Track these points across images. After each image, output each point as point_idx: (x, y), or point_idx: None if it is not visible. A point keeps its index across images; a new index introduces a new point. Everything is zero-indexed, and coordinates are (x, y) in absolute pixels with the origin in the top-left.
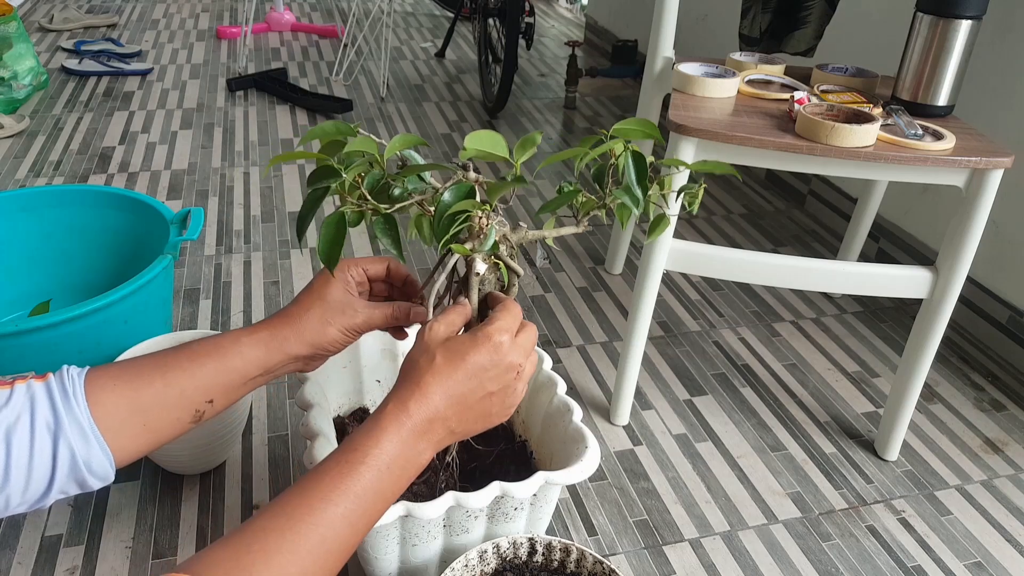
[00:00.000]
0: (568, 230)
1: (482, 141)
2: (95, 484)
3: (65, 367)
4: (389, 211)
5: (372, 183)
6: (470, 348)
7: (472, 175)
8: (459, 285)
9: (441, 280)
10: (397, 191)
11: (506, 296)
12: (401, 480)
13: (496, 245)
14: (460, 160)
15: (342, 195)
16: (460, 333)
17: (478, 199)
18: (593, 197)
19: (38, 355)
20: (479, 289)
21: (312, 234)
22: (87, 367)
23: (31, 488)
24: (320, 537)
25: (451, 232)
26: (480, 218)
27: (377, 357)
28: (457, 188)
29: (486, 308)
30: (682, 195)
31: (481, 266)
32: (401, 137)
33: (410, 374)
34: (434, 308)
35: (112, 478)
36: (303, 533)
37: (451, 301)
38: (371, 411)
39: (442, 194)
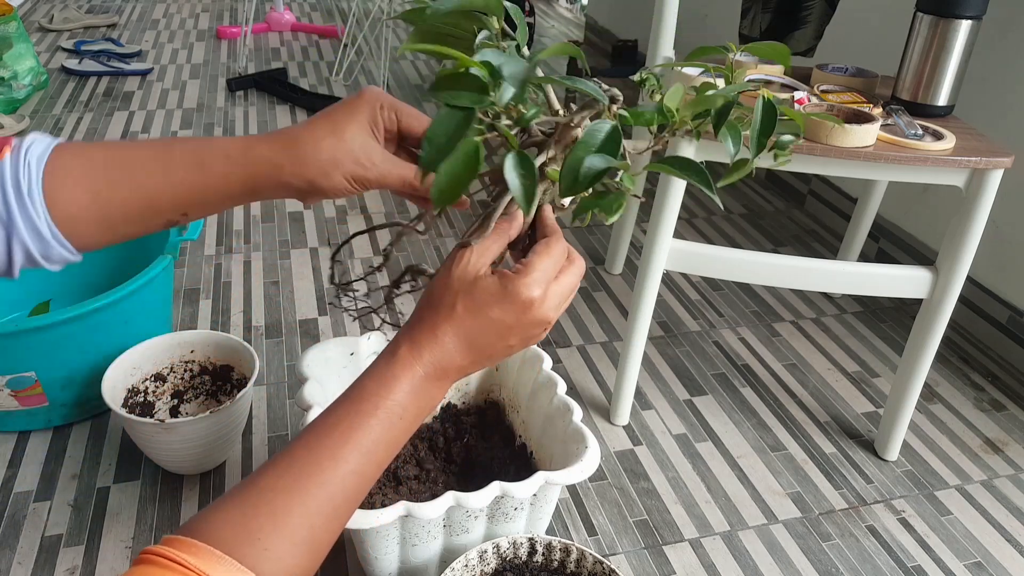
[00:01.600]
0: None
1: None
2: (58, 268)
3: (28, 142)
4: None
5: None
6: (495, 303)
7: (615, 108)
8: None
9: (499, 214)
10: (532, 111)
11: (552, 225)
12: (413, 426)
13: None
14: (607, 88)
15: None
16: (495, 267)
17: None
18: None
19: (38, 355)
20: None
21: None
22: (53, 144)
23: None
24: (328, 495)
25: (589, 195)
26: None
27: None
28: (601, 129)
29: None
30: (774, 150)
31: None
32: (558, 45)
33: (427, 315)
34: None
35: (79, 260)
36: (312, 493)
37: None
38: None
39: (578, 133)
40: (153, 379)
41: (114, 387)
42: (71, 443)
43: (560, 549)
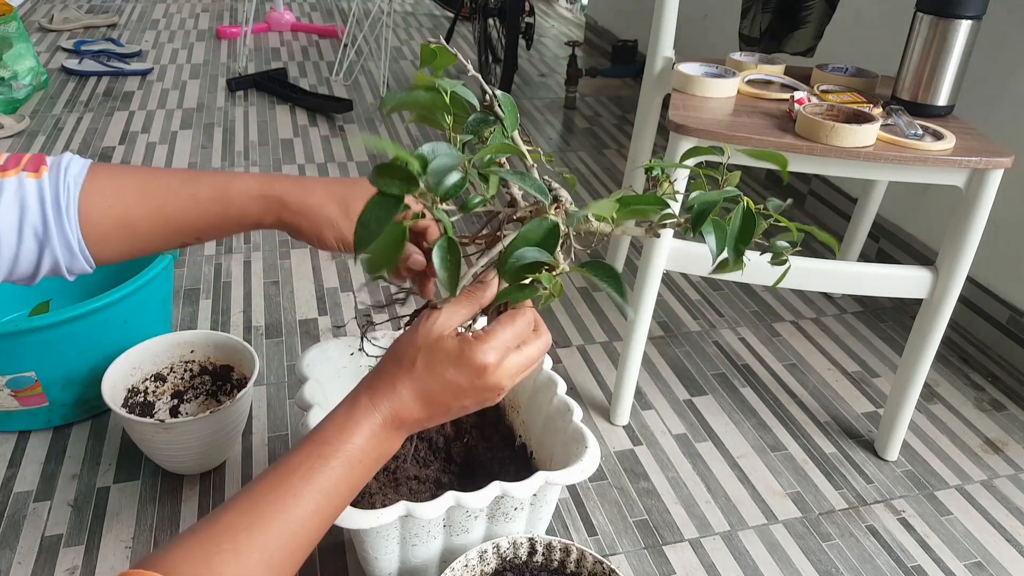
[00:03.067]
0: (637, 231)
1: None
2: (71, 278)
3: (66, 161)
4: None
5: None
6: (452, 364)
7: (564, 205)
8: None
9: (478, 270)
10: (476, 200)
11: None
12: (372, 470)
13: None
14: (551, 181)
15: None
16: (464, 326)
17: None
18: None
19: (38, 355)
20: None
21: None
22: (87, 167)
23: (14, 274)
24: (291, 533)
25: (520, 284)
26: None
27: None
28: (542, 225)
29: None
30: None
31: None
32: (498, 146)
33: (389, 367)
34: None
35: (91, 272)
36: (273, 531)
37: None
38: None
39: (519, 227)
40: (153, 379)
41: (114, 387)
42: (71, 443)
43: (560, 549)
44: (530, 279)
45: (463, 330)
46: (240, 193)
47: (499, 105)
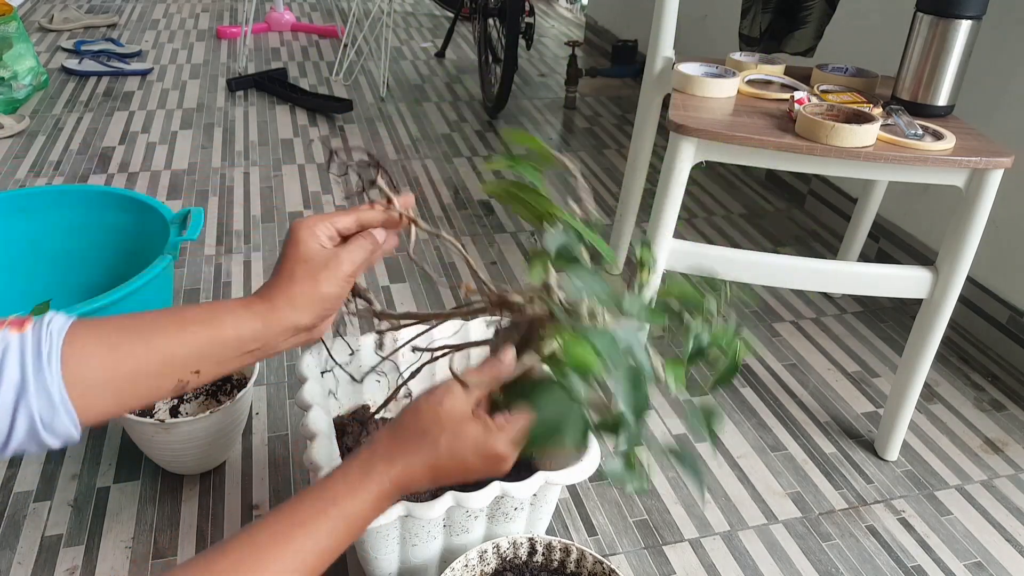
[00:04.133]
0: None
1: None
2: (56, 444)
3: (49, 317)
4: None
5: None
6: (476, 449)
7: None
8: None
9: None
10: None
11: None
12: (362, 530)
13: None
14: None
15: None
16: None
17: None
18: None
19: None
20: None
21: None
22: (72, 319)
23: None
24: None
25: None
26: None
27: (377, 356)
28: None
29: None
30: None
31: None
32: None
33: (412, 439)
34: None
35: (76, 439)
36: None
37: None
38: (371, 408)
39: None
40: None
41: None
42: None
43: (560, 549)
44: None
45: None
46: (226, 311)
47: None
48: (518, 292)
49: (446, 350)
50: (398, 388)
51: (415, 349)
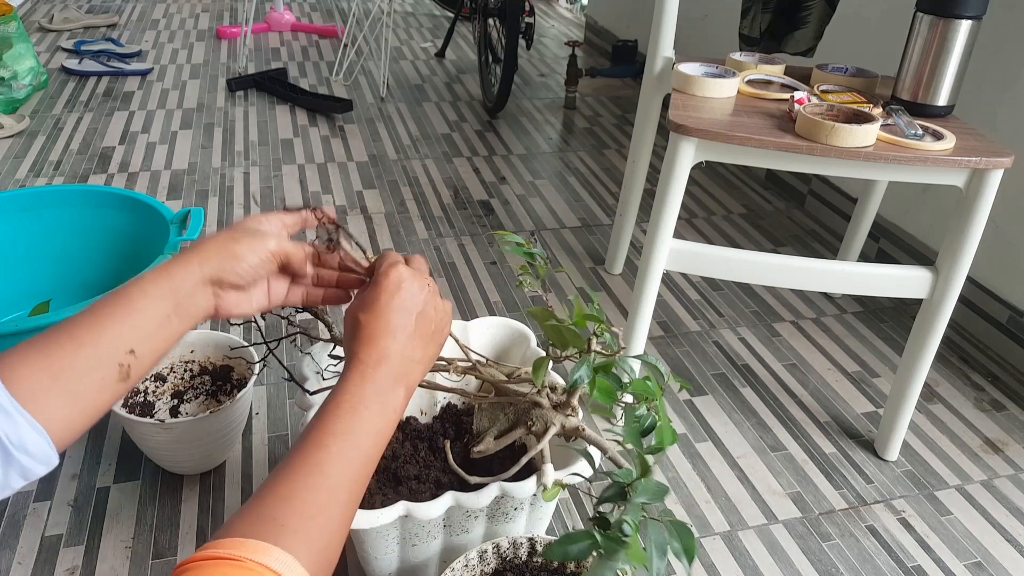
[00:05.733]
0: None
1: None
2: (38, 468)
3: None
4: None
5: None
6: (379, 294)
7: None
8: None
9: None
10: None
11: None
12: (387, 427)
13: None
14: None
15: None
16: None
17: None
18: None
19: None
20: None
21: None
22: None
23: None
24: (322, 476)
25: None
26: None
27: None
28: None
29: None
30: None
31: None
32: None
33: (352, 347)
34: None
35: (55, 459)
36: (313, 473)
37: None
38: None
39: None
40: (153, 379)
41: None
42: None
43: None
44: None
45: None
46: (134, 281)
47: None
48: (506, 372)
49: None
50: None
51: None
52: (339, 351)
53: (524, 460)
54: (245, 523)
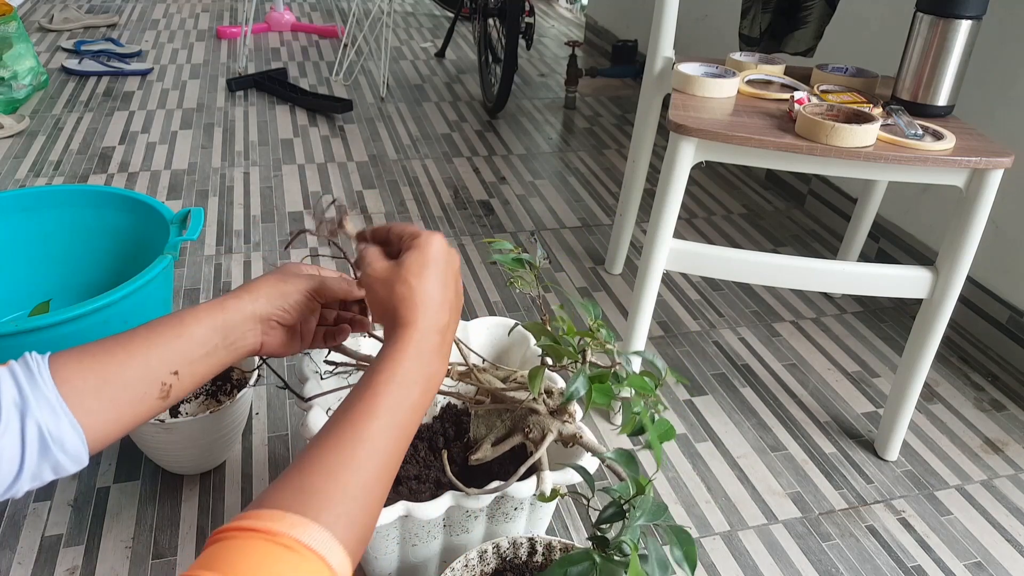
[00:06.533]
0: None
1: None
2: (69, 465)
3: (27, 353)
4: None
5: None
6: (428, 261)
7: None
8: None
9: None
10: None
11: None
12: (429, 389)
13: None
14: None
15: None
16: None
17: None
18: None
19: None
20: None
21: None
22: (48, 352)
23: (1, 470)
24: (366, 451)
25: None
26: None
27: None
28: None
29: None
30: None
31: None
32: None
33: (390, 309)
34: None
35: (86, 459)
36: (353, 448)
37: None
38: None
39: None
40: None
41: None
42: None
43: (560, 549)
44: None
45: None
46: (190, 310)
47: None
48: (502, 376)
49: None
50: None
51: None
52: (335, 356)
53: (522, 470)
54: (287, 493)
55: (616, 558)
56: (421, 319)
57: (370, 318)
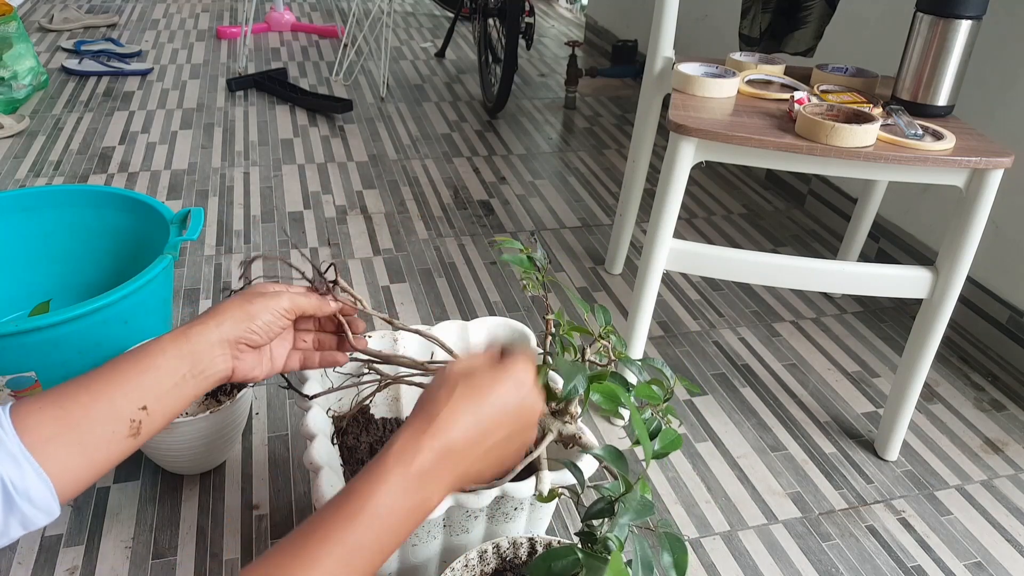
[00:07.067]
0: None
1: None
2: (39, 518)
3: None
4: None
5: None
6: (493, 381)
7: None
8: None
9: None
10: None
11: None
12: (405, 526)
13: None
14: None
15: None
16: None
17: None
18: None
19: (38, 355)
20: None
21: None
22: (10, 401)
23: None
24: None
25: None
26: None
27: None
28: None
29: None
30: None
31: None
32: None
33: (425, 407)
34: None
35: (56, 510)
36: None
37: None
38: (371, 410)
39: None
40: None
41: None
42: None
43: None
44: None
45: None
46: (153, 340)
47: None
48: None
49: (409, 368)
50: (381, 387)
51: (371, 369)
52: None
53: (519, 468)
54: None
55: (602, 555)
56: (435, 441)
57: (349, 334)
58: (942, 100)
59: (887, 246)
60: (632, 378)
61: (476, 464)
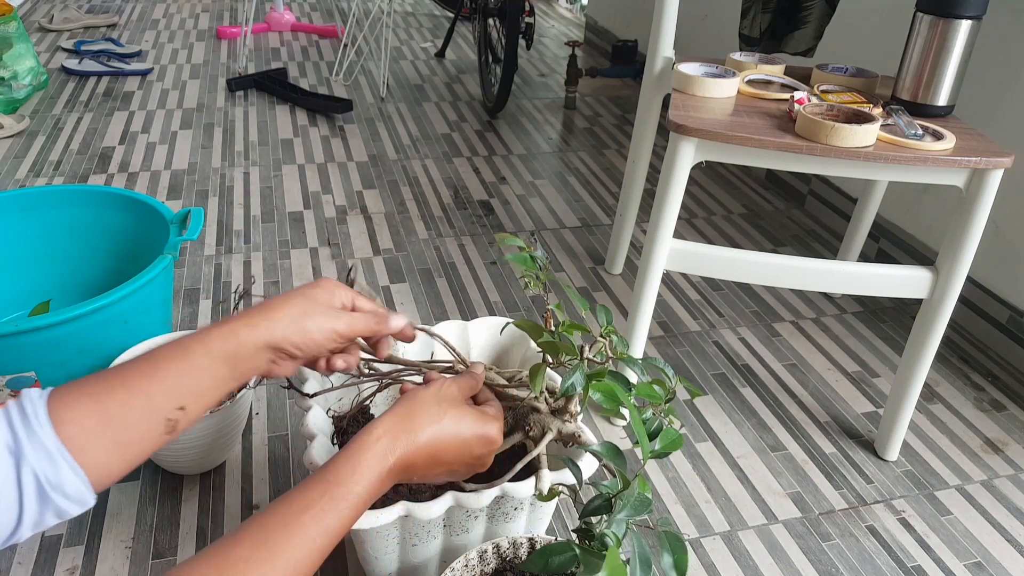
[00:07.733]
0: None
1: None
2: (73, 509)
3: (25, 391)
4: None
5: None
6: (472, 427)
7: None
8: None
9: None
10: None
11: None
12: (363, 511)
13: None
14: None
15: None
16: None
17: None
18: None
19: (38, 355)
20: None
21: None
22: (49, 389)
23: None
24: (295, 571)
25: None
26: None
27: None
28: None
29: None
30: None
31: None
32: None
33: (413, 413)
34: None
35: (91, 501)
36: (280, 567)
37: None
38: (371, 410)
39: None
40: None
41: None
42: None
43: None
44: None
45: None
46: (195, 338)
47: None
48: (505, 376)
49: (407, 371)
50: (381, 388)
51: (371, 369)
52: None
53: (519, 466)
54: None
55: (599, 551)
56: (408, 454)
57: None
58: (942, 100)
59: (887, 246)
60: (633, 378)
61: (427, 476)
